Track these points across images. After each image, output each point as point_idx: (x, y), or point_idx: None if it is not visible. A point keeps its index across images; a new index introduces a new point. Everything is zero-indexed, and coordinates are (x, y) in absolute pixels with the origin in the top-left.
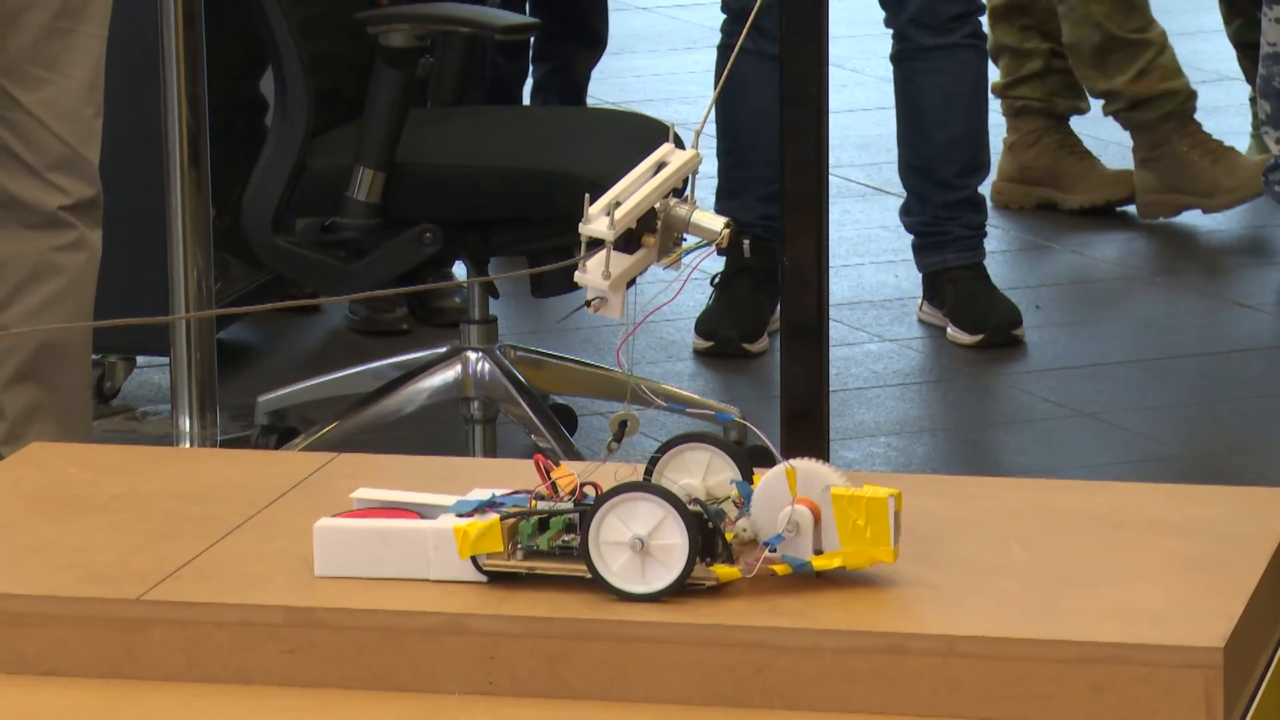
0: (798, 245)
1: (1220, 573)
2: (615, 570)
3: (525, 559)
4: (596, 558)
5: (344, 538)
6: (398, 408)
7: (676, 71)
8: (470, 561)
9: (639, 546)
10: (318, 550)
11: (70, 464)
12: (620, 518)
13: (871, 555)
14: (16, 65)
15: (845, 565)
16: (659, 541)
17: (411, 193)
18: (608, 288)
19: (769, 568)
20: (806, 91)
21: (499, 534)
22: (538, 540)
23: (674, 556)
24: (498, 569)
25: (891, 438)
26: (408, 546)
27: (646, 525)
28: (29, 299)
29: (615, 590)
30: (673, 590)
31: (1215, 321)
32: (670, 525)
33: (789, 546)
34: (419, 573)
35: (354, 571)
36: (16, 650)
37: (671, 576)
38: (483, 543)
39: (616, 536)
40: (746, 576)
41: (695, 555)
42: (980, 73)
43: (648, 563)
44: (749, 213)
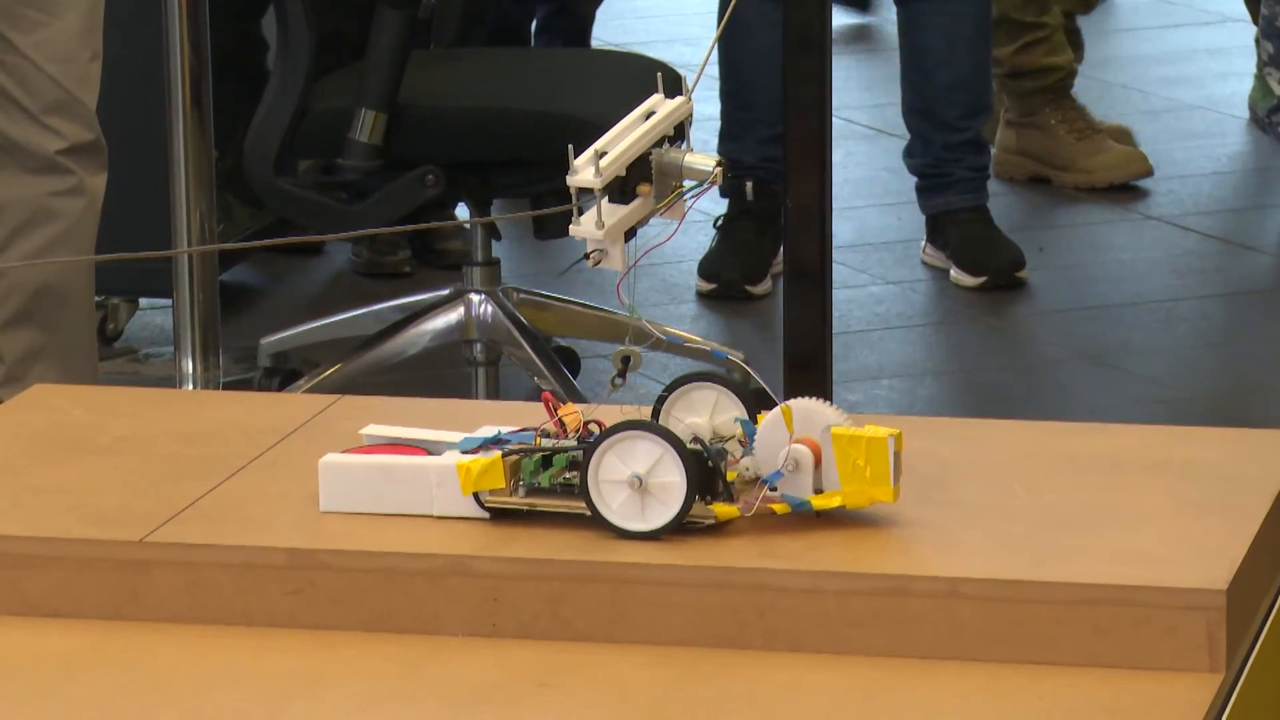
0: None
1: (1223, 515)
2: (615, 508)
3: (527, 496)
4: (596, 496)
5: (348, 473)
6: (400, 350)
7: (680, 12)
8: (473, 498)
9: (637, 485)
10: (323, 485)
11: (72, 406)
12: (619, 456)
13: (871, 495)
14: (10, 7)
15: (845, 505)
16: (657, 479)
17: (413, 134)
18: (604, 238)
19: (768, 506)
20: (809, 32)
21: (501, 471)
22: (540, 477)
23: (672, 494)
24: (499, 505)
25: (894, 380)
26: (411, 482)
27: (645, 463)
28: (26, 244)
29: (614, 528)
30: (671, 528)
31: (1219, 264)
32: (668, 463)
33: (789, 485)
34: (422, 509)
35: (358, 507)
36: (19, 591)
37: (670, 514)
38: (485, 479)
39: (615, 475)
40: (745, 515)
41: (694, 493)
42: (984, 14)
43: (647, 501)
44: (751, 155)
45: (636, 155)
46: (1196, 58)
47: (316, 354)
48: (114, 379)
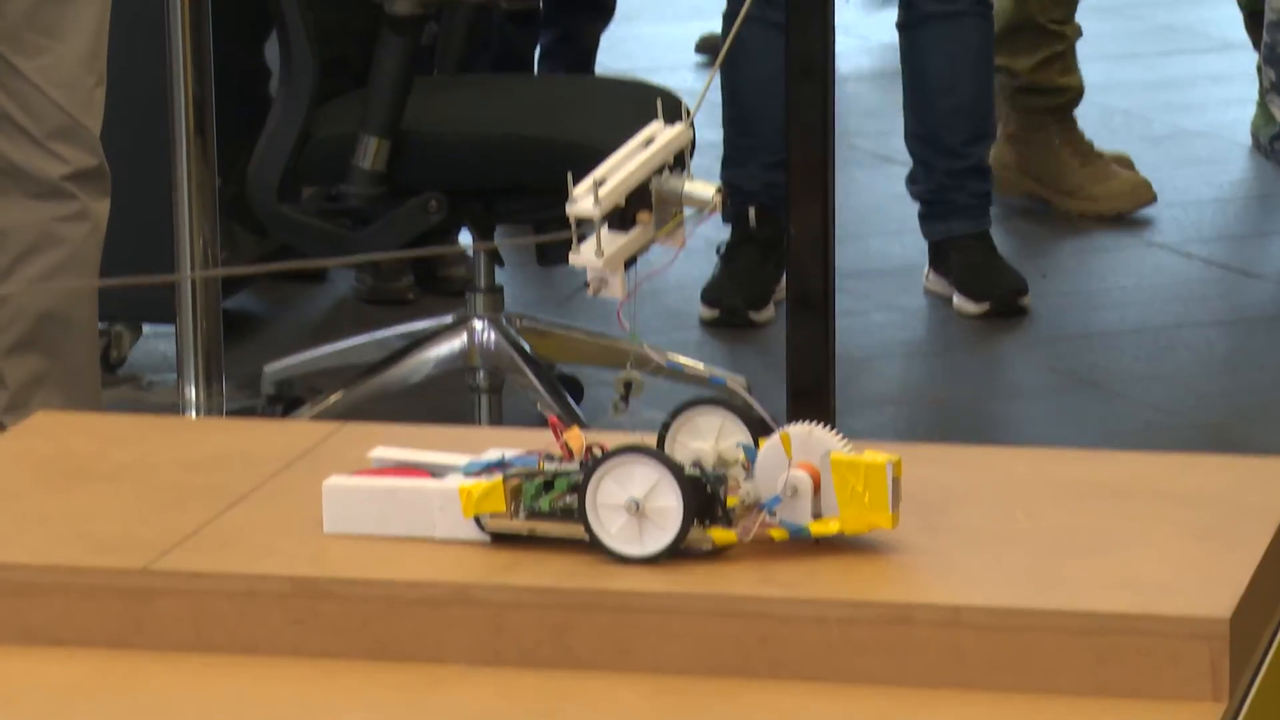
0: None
1: (1226, 543)
2: (613, 533)
3: (528, 520)
4: (594, 520)
5: (352, 496)
6: (404, 377)
7: (684, 39)
8: (474, 521)
9: (635, 509)
10: (326, 508)
11: (76, 433)
12: (617, 480)
13: (870, 521)
14: (14, 32)
15: (843, 531)
16: (654, 504)
17: (417, 161)
18: (603, 266)
19: (766, 532)
20: (812, 59)
21: (502, 494)
22: (540, 501)
23: (669, 519)
24: (500, 529)
25: (897, 407)
26: (414, 505)
27: (642, 488)
28: (30, 269)
29: (612, 552)
30: (668, 553)
31: (1221, 291)
32: (665, 488)
33: (787, 511)
34: (425, 531)
35: (362, 529)
36: (22, 620)
37: (667, 539)
38: (486, 503)
39: (613, 499)
40: (743, 540)
41: (691, 518)
42: (986, 40)
43: (644, 525)
44: (754, 181)
45: (636, 183)
46: (1199, 84)
47: (320, 381)
48: (117, 406)
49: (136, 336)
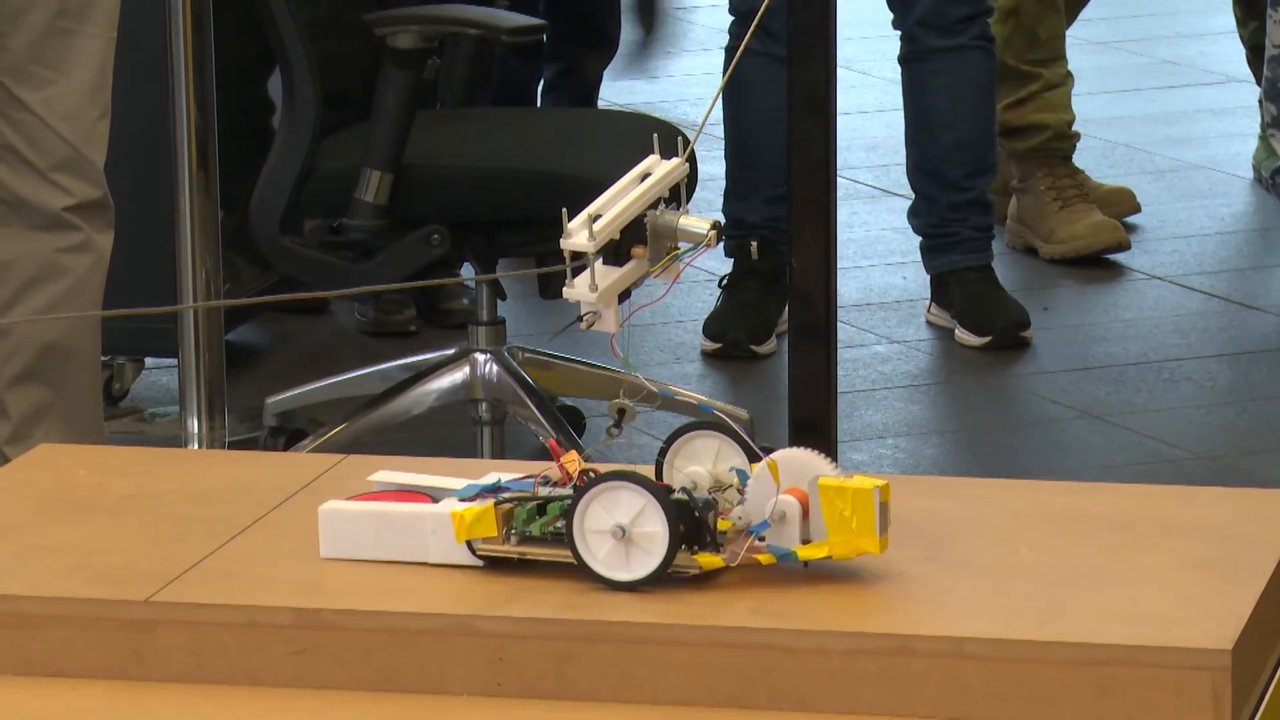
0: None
1: (1228, 574)
2: (600, 558)
3: (519, 544)
4: (581, 545)
5: (347, 520)
6: (406, 409)
7: (686, 73)
8: (466, 546)
9: (620, 535)
10: (323, 532)
11: (78, 465)
12: (603, 506)
13: (858, 546)
14: (19, 64)
15: (831, 555)
16: (640, 529)
17: (419, 194)
18: (597, 301)
19: (753, 557)
20: (815, 94)
21: (493, 519)
22: (531, 526)
23: (655, 544)
24: (491, 554)
25: (899, 439)
26: (408, 530)
27: (628, 514)
28: (33, 300)
29: (599, 577)
30: (655, 577)
31: (1223, 324)
32: (650, 514)
33: (776, 536)
34: (419, 556)
35: (358, 554)
36: (23, 651)
37: (654, 564)
38: (478, 527)
39: (600, 525)
40: (730, 565)
41: (677, 543)
42: (988, 74)
43: (631, 550)
44: (756, 214)
45: (631, 218)
46: (1200, 118)
47: (322, 413)
48: (120, 439)
49: (139, 369)
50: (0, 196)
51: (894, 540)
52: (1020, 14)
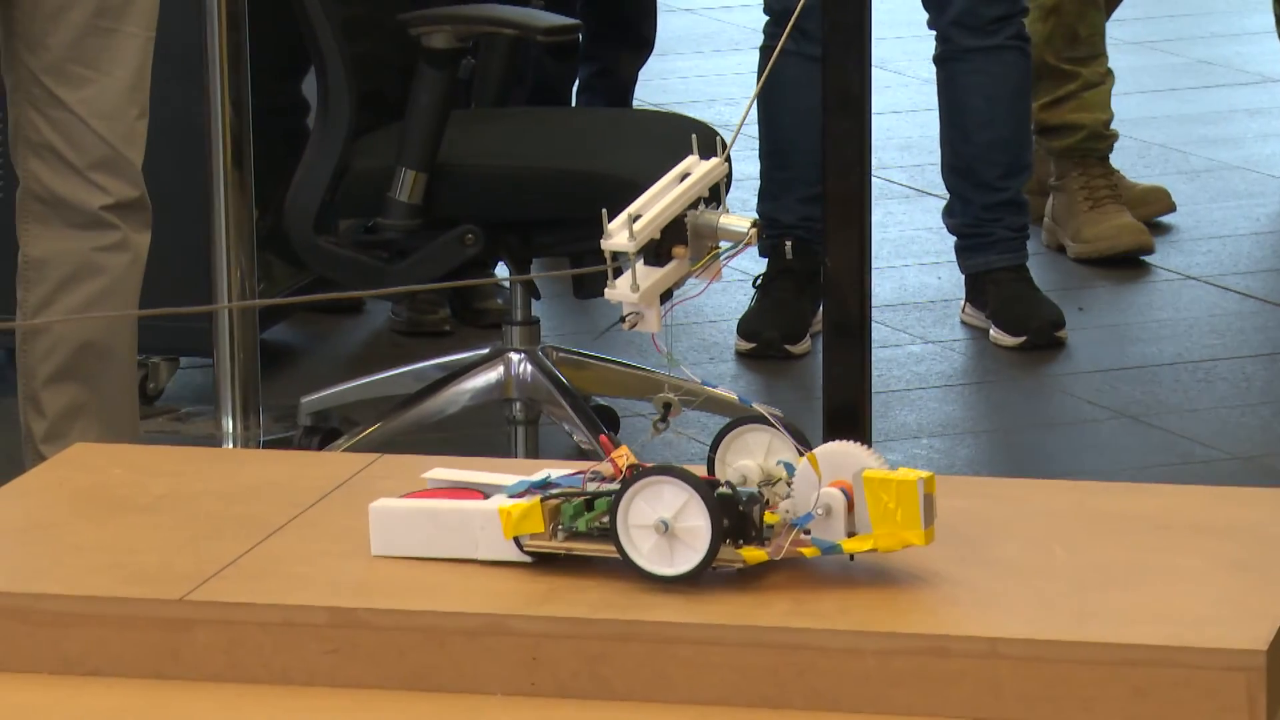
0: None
1: (1263, 575)
2: (644, 552)
3: (565, 540)
4: (625, 540)
5: (397, 518)
6: (440, 409)
7: (720, 73)
8: (514, 542)
9: (664, 529)
10: (373, 530)
11: (113, 464)
12: (646, 501)
13: (903, 538)
14: (58, 63)
15: (877, 547)
16: (684, 524)
17: (453, 194)
18: (639, 301)
19: (798, 550)
20: (849, 94)
21: (540, 515)
22: (578, 522)
23: (698, 538)
24: (538, 549)
25: (934, 439)
26: (457, 527)
27: (671, 508)
28: (70, 298)
29: (643, 572)
30: (699, 572)
31: (1258, 324)
32: (693, 508)
33: (820, 529)
34: (469, 553)
35: (408, 551)
36: (60, 650)
37: (697, 559)
38: (525, 524)
39: (644, 520)
40: (774, 559)
41: (720, 538)
42: (1023, 74)
43: (674, 545)
44: (790, 214)
45: (671, 218)
46: (1236, 118)
47: (356, 413)
48: (155, 438)
49: (174, 368)
50: (39, 195)
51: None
52: (1061, 11)
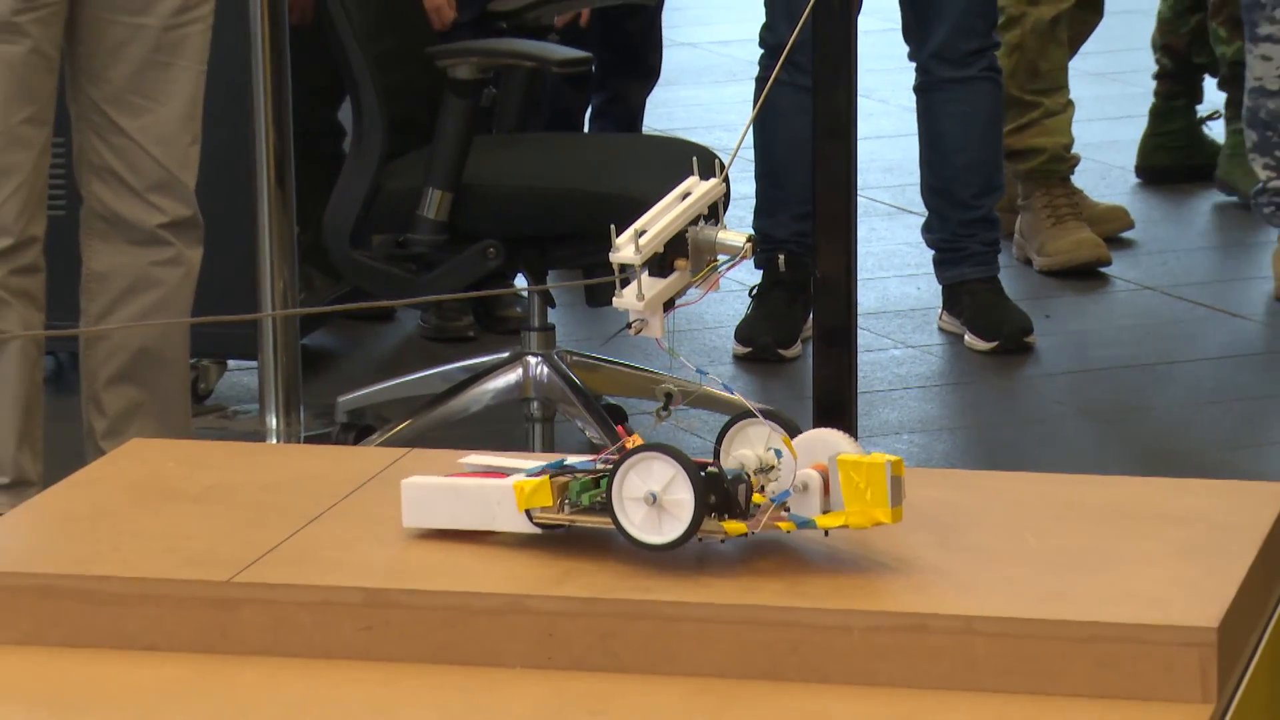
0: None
1: (1215, 559)
2: (636, 523)
3: (570, 513)
4: (620, 511)
5: (425, 493)
6: (464, 407)
7: (719, 101)
8: (526, 515)
9: (652, 501)
10: (404, 504)
11: (167, 458)
12: (639, 475)
13: (873, 516)
14: (119, 94)
15: (849, 524)
16: (670, 497)
17: (477, 211)
18: (644, 309)
19: (776, 525)
20: (837, 120)
21: (549, 491)
22: (582, 497)
23: (683, 510)
24: (546, 521)
25: (914, 435)
26: (476, 501)
27: (660, 482)
28: (129, 308)
29: (635, 540)
30: (683, 541)
31: (1207, 330)
32: (679, 482)
33: (799, 506)
34: (487, 524)
35: (434, 523)
36: (119, 627)
37: (681, 529)
38: (535, 498)
39: (636, 492)
40: (753, 531)
41: (703, 510)
42: (995, 103)
43: (662, 516)
44: (784, 230)
45: (674, 233)
46: None
47: (388, 411)
48: (204, 434)
49: (223, 371)
50: (101, 214)
51: (909, 527)
52: (1024, 48)
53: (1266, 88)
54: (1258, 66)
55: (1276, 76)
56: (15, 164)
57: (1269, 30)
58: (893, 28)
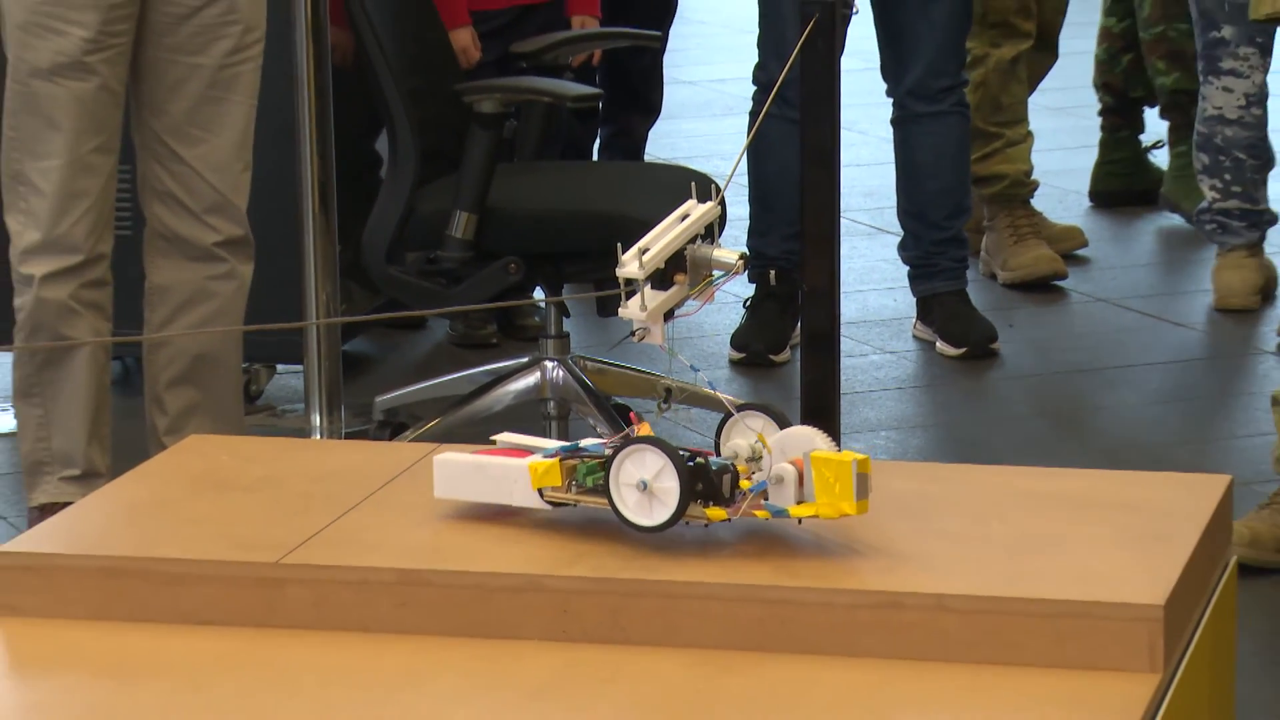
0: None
1: (1162, 543)
2: (630, 506)
3: (576, 493)
4: (616, 495)
5: (453, 468)
6: (488, 406)
7: (717, 133)
8: (538, 493)
9: (643, 488)
10: (436, 476)
11: (221, 452)
12: (633, 464)
13: (840, 508)
14: (178, 126)
15: (819, 514)
16: (659, 484)
17: (499, 231)
18: (647, 318)
19: (754, 513)
20: (822, 150)
21: (558, 472)
22: (587, 479)
23: (670, 496)
24: (554, 500)
25: (891, 432)
26: (498, 478)
27: (651, 471)
28: (187, 318)
29: (629, 522)
30: (670, 524)
31: (1154, 338)
32: (667, 471)
33: (775, 496)
34: (506, 499)
35: (461, 495)
36: (177, 604)
37: (668, 513)
38: (546, 478)
39: (630, 479)
40: (732, 517)
41: (688, 497)
42: (964, 134)
43: (652, 501)
44: (774, 248)
45: (674, 251)
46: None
47: (420, 410)
48: (255, 431)
49: (272, 374)
50: (161, 233)
51: (887, 514)
52: (987, 85)
53: (1226, 116)
54: (1218, 97)
55: (1236, 107)
56: (86, 189)
57: (1232, 65)
58: (872, 67)
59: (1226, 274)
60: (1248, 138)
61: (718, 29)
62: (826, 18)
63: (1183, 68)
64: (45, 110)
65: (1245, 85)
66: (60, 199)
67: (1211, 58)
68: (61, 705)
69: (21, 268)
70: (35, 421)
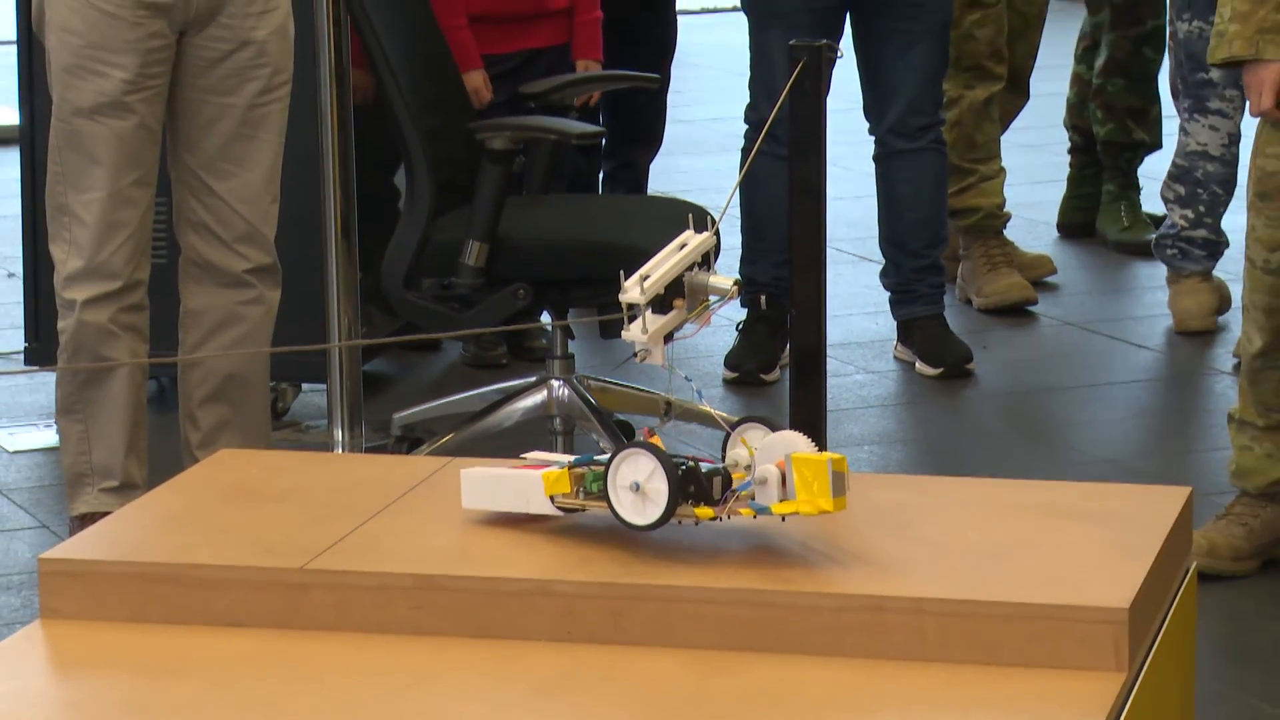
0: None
1: (1126, 550)
2: (626, 506)
3: (584, 499)
4: (614, 497)
5: (478, 480)
6: (498, 423)
7: (712, 168)
8: (550, 499)
9: (636, 489)
10: (464, 487)
11: (250, 465)
12: (629, 467)
13: (818, 505)
14: (211, 161)
15: (799, 511)
16: (651, 485)
17: (509, 259)
18: (648, 341)
19: (739, 510)
20: (810, 183)
21: (567, 480)
22: (593, 485)
23: (661, 496)
24: (564, 505)
25: (874, 446)
26: (515, 488)
27: (643, 474)
28: (219, 340)
29: (624, 522)
30: (660, 523)
31: (1118, 360)
32: (658, 474)
33: (760, 497)
34: (522, 507)
35: (486, 504)
36: (208, 606)
37: (659, 512)
38: (557, 486)
39: (625, 481)
40: (719, 516)
41: (676, 497)
42: (941, 169)
43: (645, 502)
44: (765, 275)
45: (673, 277)
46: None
47: (436, 425)
48: (282, 445)
49: (298, 392)
50: (195, 261)
51: (869, 522)
52: (962, 124)
53: (1210, 153)
54: (1203, 134)
55: (1220, 145)
56: (124, 220)
57: (1219, 106)
58: (855, 107)
59: (1184, 300)
60: (1225, 173)
61: (713, 72)
62: (814, 61)
63: (1115, 121)
64: (87, 147)
65: (1229, 125)
66: (101, 229)
67: (1199, 97)
68: (102, 701)
69: (65, 293)
70: (76, 436)
